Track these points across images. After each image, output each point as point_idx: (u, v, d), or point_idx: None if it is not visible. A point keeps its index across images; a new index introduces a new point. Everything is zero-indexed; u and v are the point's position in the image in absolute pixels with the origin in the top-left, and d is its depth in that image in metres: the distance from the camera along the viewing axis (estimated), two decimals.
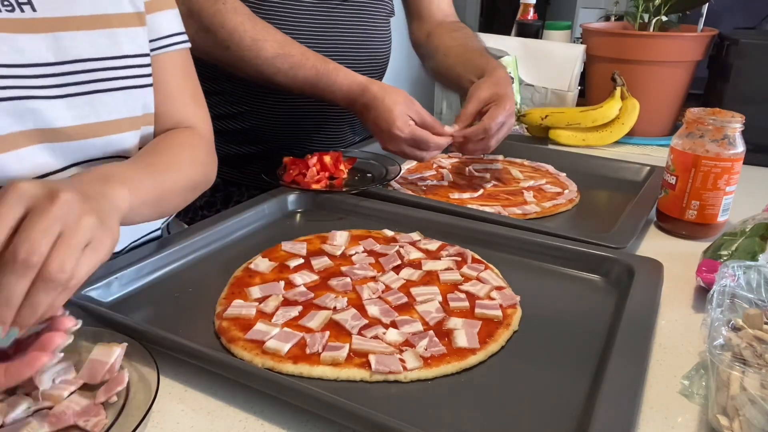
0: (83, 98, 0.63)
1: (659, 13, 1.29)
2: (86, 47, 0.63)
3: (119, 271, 0.66)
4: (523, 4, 1.61)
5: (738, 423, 0.45)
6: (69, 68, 0.61)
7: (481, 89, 0.96)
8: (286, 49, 0.93)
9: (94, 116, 0.64)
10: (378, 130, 0.93)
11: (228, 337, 0.57)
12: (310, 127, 1.14)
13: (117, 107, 0.66)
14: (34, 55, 0.59)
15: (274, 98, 1.07)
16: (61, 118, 0.61)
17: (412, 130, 0.90)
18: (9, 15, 0.57)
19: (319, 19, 1.04)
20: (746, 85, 1.19)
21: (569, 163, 1.10)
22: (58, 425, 0.46)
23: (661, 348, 0.60)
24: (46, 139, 0.61)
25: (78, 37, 0.62)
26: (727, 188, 0.81)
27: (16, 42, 0.57)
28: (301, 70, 0.93)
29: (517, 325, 0.61)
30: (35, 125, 0.60)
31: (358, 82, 0.93)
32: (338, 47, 1.07)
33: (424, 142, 0.91)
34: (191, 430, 0.49)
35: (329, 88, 0.94)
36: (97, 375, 0.50)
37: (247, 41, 0.91)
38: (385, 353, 0.55)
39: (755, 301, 0.56)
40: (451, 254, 0.74)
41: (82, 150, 0.64)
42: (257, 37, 0.92)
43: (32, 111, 0.59)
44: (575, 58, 1.39)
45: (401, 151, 0.93)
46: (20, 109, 0.58)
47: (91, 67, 0.63)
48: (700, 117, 0.81)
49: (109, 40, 0.65)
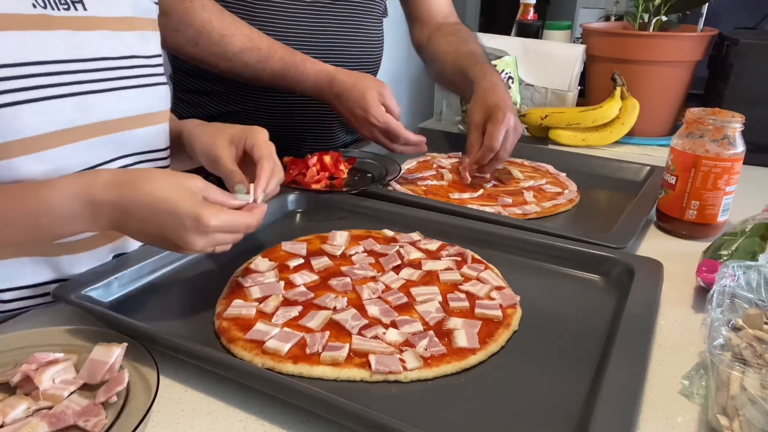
0: (130, 92, 0.68)
1: (659, 13, 1.28)
2: (130, 44, 0.68)
3: (119, 271, 0.66)
4: (523, 4, 1.61)
5: (738, 423, 0.45)
6: (118, 63, 0.67)
7: (474, 114, 0.97)
8: (253, 43, 0.94)
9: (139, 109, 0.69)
10: (353, 117, 0.96)
11: (228, 337, 0.57)
12: (304, 127, 1.14)
13: (152, 101, 0.71)
14: (92, 50, 0.64)
15: (269, 98, 1.07)
16: (115, 111, 0.66)
17: (387, 120, 0.94)
18: (66, 13, 0.61)
19: (311, 20, 1.04)
20: (746, 85, 1.19)
21: (569, 163, 1.10)
22: (58, 425, 0.46)
23: (661, 348, 0.60)
24: (103, 132, 0.65)
25: (122, 36, 0.67)
26: (727, 188, 0.81)
27: (77, 38, 0.62)
28: (269, 63, 0.95)
29: (517, 325, 0.61)
30: (96, 118, 0.64)
31: (325, 71, 0.95)
32: (330, 47, 1.07)
33: (396, 135, 0.95)
34: (191, 430, 0.49)
35: (298, 79, 0.96)
36: (97, 375, 0.50)
37: (214, 37, 0.93)
38: (385, 353, 0.55)
39: (755, 301, 0.56)
40: (451, 254, 0.74)
41: (129, 142, 0.69)
42: (224, 32, 0.93)
43: (92, 104, 0.63)
44: (575, 58, 1.39)
45: (374, 137, 0.98)
46: (84, 103, 0.62)
47: (134, 64, 0.69)
48: (700, 117, 0.81)
49: (141, 40, 0.70)
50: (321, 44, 1.05)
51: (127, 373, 0.50)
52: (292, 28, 1.02)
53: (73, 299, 0.60)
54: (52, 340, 0.55)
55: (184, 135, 0.75)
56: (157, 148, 0.73)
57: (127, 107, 0.68)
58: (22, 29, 0.57)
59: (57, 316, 0.63)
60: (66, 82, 0.61)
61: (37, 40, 0.58)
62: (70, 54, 0.61)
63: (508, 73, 1.31)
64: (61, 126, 0.61)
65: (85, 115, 0.63)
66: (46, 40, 0.59)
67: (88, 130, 0.63)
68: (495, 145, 0.92)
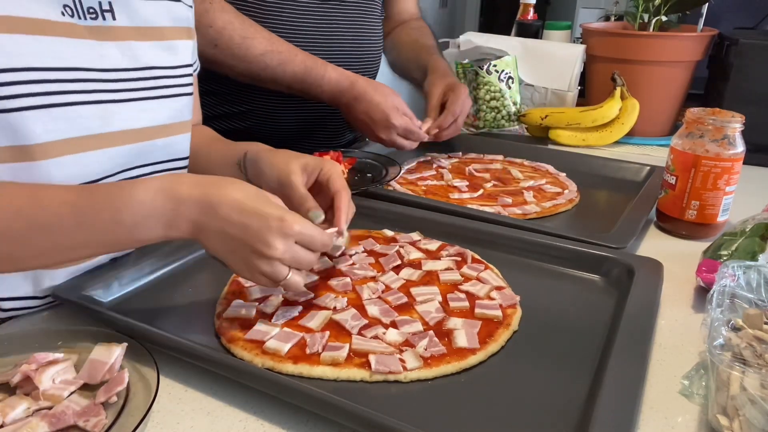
0: (151, 102, 0.69)
1: (659, 13, 1.28)
2: (152, 55, 0.69)
3: (119, 271, 0.66)
4: (523, 4, 1.61)
5: (738, 423, 0.45)
6: (140, 74, 0.67)
7: (435, 85, 1.09)
8: (274, 46, 0.96)
9: (160, 120, 0.70)
10: (370, 120, 0.99)
11: (228, 337, 0.57)
12: (309, 126, 1.15)
13: (173, 112, 0.72)
14: (114, 61, 0.64)
15: (273, 98, 1.08)
16: (135, 120, 0.67)
17: (406, 121, 0.99)
18: (93, 23, 0.62)
19: (313, 20, 1.05)
20: (746, 85, 1.19)
21: (569, 163, 1.10)
22: (58, 425, 0.46)
23: (661, 348, 0.60)
24: (123, 141, 0.65)
25: (146, 46, 0.68)
26: (727, 188, 0.81)
27: (101, 48, 0.63)
28: (289, 66, 0.97)
29: (517, 325, 0.61)
30: (117, 127, 0.64)
31: (346, 75, 0.99)
32: (332, 48, 1.08)
33: (412, 133, 1.01)
34: (191, 430, 0.49)
35: (317, 82, 0.98)
36: (97, 375, 0.50)
37: (236, 39, 0.94)
38: (385, 353, 0.55)
39: (755, 301, 0.56)
40: (451, 254, 0.74)
41: (150, 151, 0.70)
42: (246, 34, 0.94)
43: (114, 113, 0.64)
44: (575, 58, 1.39)
45: (391, 140, 1.01)
46: (107, 111, 0.63)
47: (157, 75, 0.69)
48: (700, 117, 0.81)
49: (168, 50, 0.71)
50: (322, 45, 1.06)
51: (127, 373, 0.50)
52: (293, 28, 1.03)
53: (74, 299, 0.60)
54: (52, 341, 0.55)
55: (248, 157, 0.73)
56: (177, 157, 0.74)
57: (150, 117, 0.68)
58: (51, 35, 0.58)
59: (57, 316, 0.63)
60: (89, 90, 0.61)
61: (63, 47, 0.59)
62: (93, 63, 0.62)
63: (508, 73, 1.31)
64: (82, 132, 0.61)
65: (106, 123, 0.63)
66: (72, 48, 0.60)
67: (110, 138, 0.64)
68: (457, 110, 1.06)
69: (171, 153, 0.73)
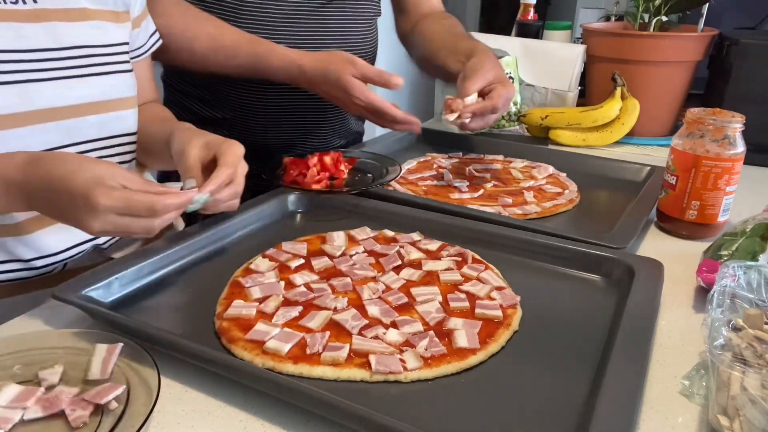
0: (79, 80, 0.71)
1: (659, 13, 1.28)
2: (79, 35, 0.71)
3: (119, 272, 0.66)
4: (523, 4, 1.61)
5: (738, 423, 0.45)
6: (65, 54, 0.70)
7: (485, 69, 0.95)
8: (217, 42, 0.94)
9: (90, 97, 0.72)
10: (336, 101, 0.95)
11: (228, 338, 0.57)
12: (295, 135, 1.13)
13: (106, 88, 0.74)
14: (36, 41, 0.67)
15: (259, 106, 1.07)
16: (60, 98, 0.69)
17: (371, 99, 0.90)
18: (14, 6, 0.65)
19: (302, 20, 1.03)
20: (746, 85, 1.19)
21: (569, 163, 1.10)
22: (50, 410, 0.47)
23: (661, 348, 0.60)
24: (49, 118, 0.68)
25: (69, 27, 0.71)
26: (727, 188, 0.81)
27: (22, 30, 0.66)
28: (235, 60, 0.95)
29: (517, 325, 0.61)
30: (40, 105, 0.67)
31: (290, 60, 0.93)
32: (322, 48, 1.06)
33: (382, 113, 0.92)
34: (191, 430, 0.49)
35: (267, 73, 0.96)
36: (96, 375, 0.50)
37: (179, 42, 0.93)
38: (386, 353, 0.55)
39: (755, 301, 0.56)
40: (452, 254, 0.74)
41: (80, 129, 0.72)
42: (188, 35, 0.93)
43: (36, 92, 0.67)
44: (575, 58, 1.39)
45: (363, 116, 0.96)
46: (26, 90, 0.66)
47: (85, 53, 0.72)
48: (700, 117, 0.81)
49: (97, 29, 0.74)
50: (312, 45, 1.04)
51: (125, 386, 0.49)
52: (281, 28, 1.01)
53: (74, 299, 0.60)
54: (53, 342, 0.55)
55: (171, 135, 0.74)
56: (117, 134, 0.75)
57: (76, 95, 0.70)
58: None
59: (57, 317, 0.63)
60: (6, 71, 0.64)
61: None
62: (13, 45, 0.65)
63: (509, 74, 1.31)
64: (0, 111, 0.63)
65: (25, 101, 0.65)
66: None
67: (31, 116, 0.66)
68: (500, 105, 0.93)
69: (110, 130, 0.74)
